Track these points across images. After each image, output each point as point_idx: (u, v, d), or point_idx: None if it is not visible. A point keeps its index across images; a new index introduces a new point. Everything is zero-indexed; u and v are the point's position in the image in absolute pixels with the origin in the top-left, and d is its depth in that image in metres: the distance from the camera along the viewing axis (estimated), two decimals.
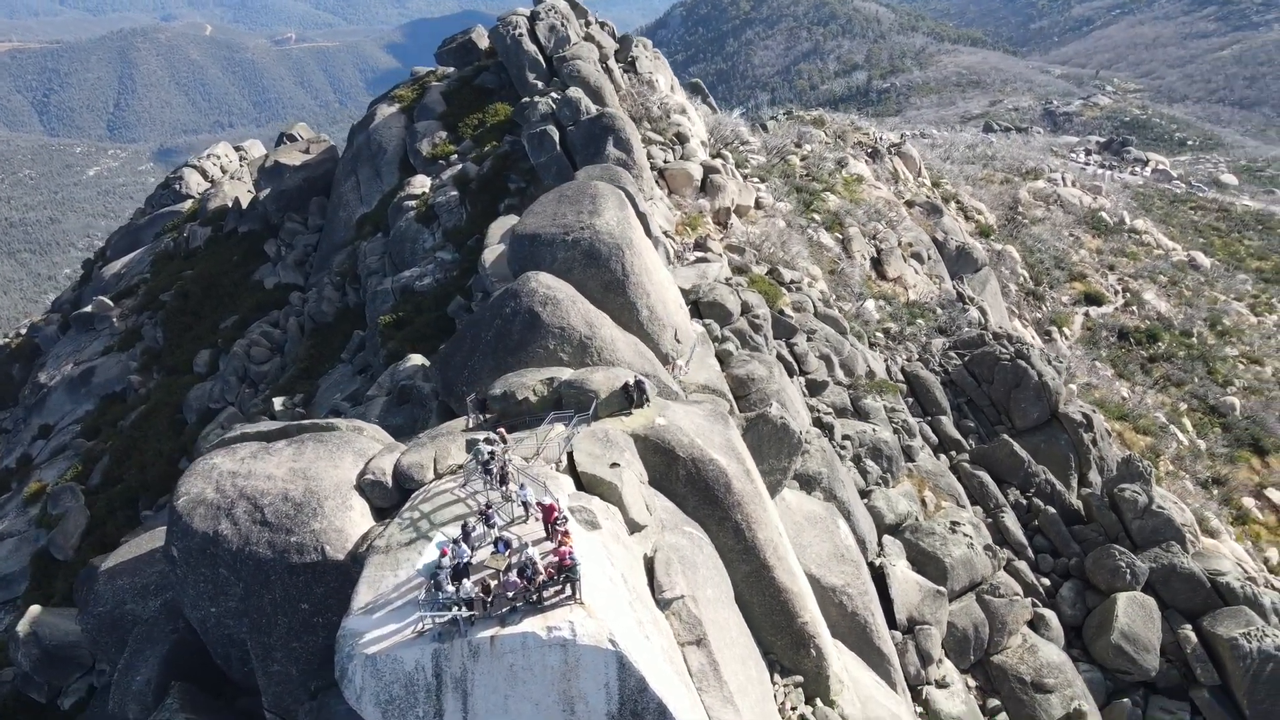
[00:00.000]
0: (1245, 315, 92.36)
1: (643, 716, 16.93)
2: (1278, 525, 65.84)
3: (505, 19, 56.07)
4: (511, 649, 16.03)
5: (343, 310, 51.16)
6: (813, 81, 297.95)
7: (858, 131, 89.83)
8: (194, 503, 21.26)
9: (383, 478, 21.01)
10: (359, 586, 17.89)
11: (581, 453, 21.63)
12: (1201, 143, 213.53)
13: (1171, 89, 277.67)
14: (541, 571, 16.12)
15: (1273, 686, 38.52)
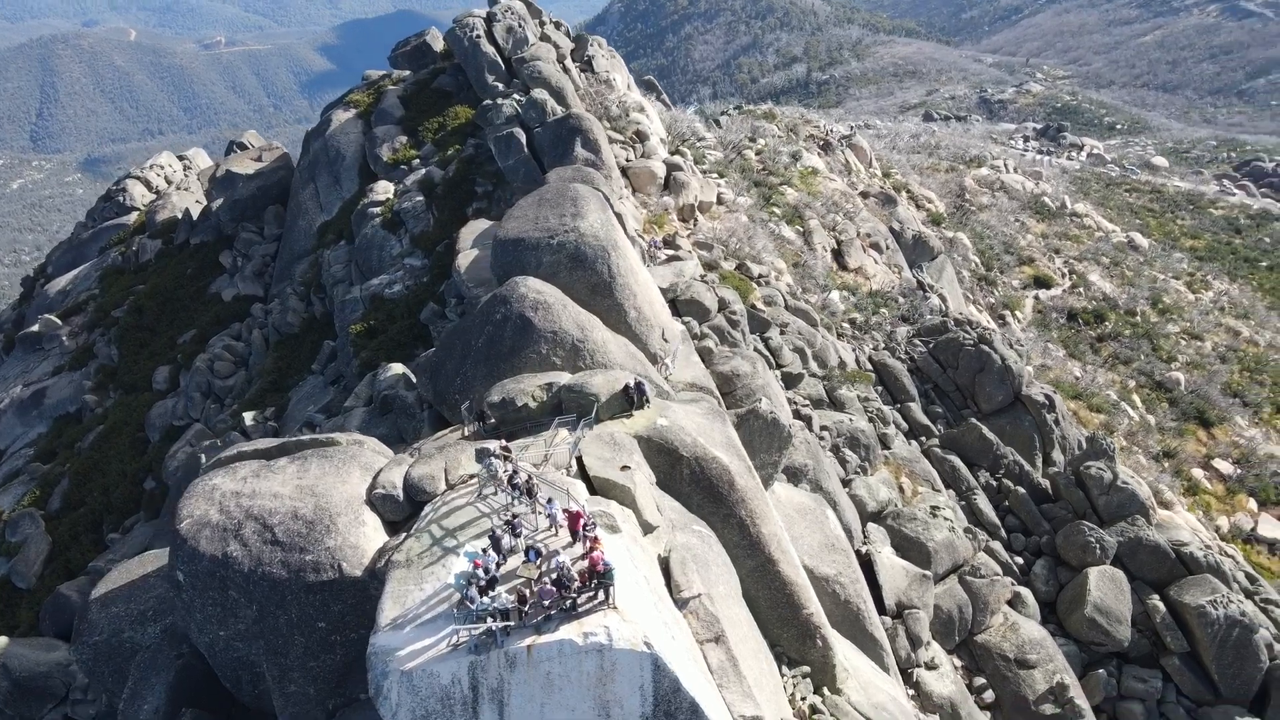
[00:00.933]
0: (1184, 293, 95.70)
1: (675, 717, 17.14)
2: (1226, 494, 68.43)
3: (461, 21, 55.63)
4: (548, 657, 16.10)
5: (308, 321, 50.35)
6: (753, 75, 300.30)
7: (808, 124, 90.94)
8: (198, 525, 20.87)
9: (394, 491, 20.86)
10: (383, 602, 17.76)
11: (591, 457, 21.73)
12: (1130, 126, 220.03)
13: (1098, 75, 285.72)
14: (576, 578, 16.20)
15: (1239, 650, 40.18)
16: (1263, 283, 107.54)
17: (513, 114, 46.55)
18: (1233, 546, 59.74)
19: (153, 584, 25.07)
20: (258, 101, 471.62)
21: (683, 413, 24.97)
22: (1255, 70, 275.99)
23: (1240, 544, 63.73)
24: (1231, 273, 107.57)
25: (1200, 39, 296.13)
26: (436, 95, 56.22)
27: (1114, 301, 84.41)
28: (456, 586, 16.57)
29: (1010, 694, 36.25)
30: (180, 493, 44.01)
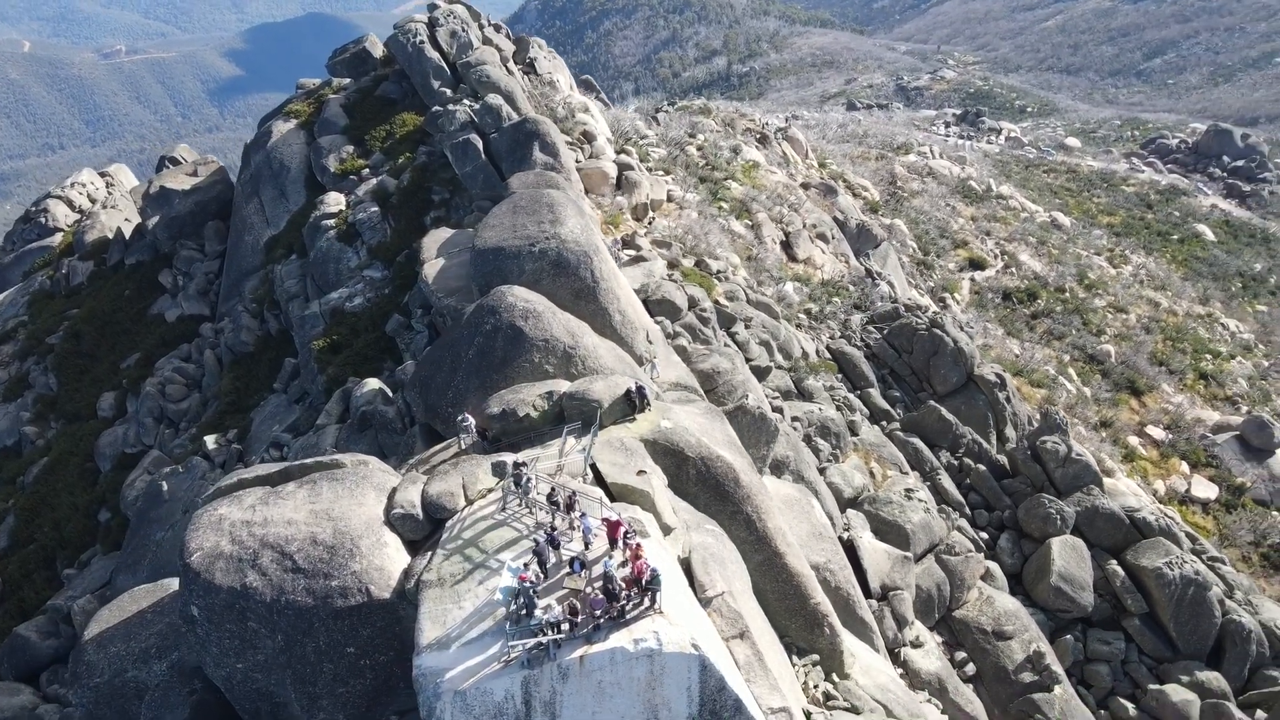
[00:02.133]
0: (1106, 268, 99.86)
1: (720, 715, 17.51)
2: (1160, 459, 71.82)
3: (403, 26, 54.90)
4: (600, 666, 16.28)
5: (264, 338, 49.20)
6: (674, 69, 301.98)
7: (744, 118, 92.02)
8: (210, 558, 20.41)
9: (413, 510, 20.71)
10: (420, 623, 17.68)
11: (605, 463, 21.91)
12: (1039, 109, 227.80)
13: (1006, 60, 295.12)
14: (624, 586, 16.40)
15: (1194, 608, 42.38)
16: (1175, 255, 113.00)
17: (467, 120, 46.20)
18: (1171, 508, 62.85)
19: (151, 619, 24.37)
20: (164, 111, 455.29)
21: (684, 414, 25.31)
22: (1151, 51, 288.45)
23: (1177, 506, 67.09)
24: (1147, 247, 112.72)
25: (1099, 22, 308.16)
26: (381, 103, 55.37)
27: (1044, 280, 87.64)
28: (504, 602, 16.62)
29: (990, 665, 37.61)
30: (143, 522, 42.93)
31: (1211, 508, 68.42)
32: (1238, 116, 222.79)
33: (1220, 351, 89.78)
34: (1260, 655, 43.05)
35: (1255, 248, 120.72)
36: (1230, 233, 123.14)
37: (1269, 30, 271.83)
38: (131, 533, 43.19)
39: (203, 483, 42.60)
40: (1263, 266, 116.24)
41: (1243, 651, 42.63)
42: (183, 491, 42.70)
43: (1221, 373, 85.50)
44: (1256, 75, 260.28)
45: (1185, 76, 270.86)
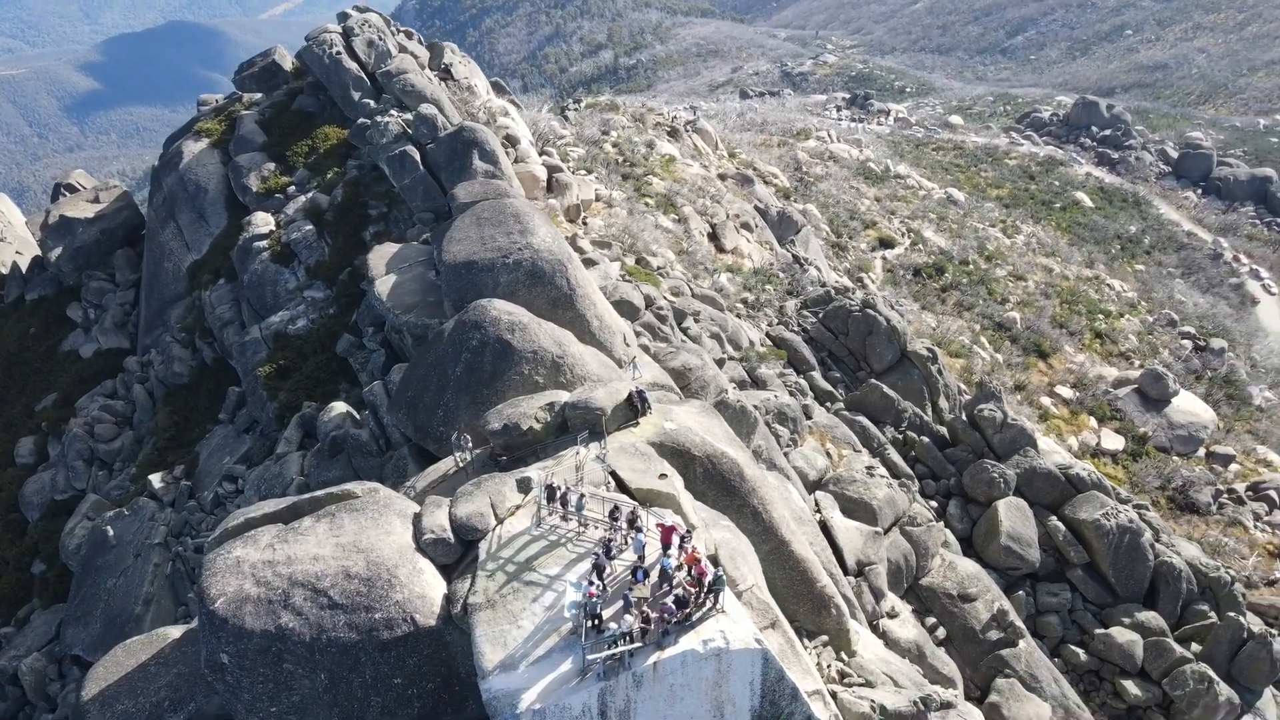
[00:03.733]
0: (1001, 239, 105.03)
1: (779, 704, 18.17)
2: (1071, 417, 76.32)
3: (317, 38, 53.35)
4: (672, 670, 16.69)
5: (199, 368, 47.30)
6: (561, 65, 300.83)
7: (652, 113, 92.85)
8: (236, 602, 19.84)
9: (444, 534, 20.55)
10: (479, 647, 17.70)
11: (625, 470, 22.22)
12: (917, 89, 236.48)
13: (881, 42, 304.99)
14: (687, 588, 16.82)
15: (1130, 554, 45.42)
16: (1060, 222, 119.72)
17: (401, 131, 45.36)
18: (1086, 462, 66.91)
19: (156, 672, 23.45)
20: (19, 132, 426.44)
21: (683, 414, 25.79)
22: (1013, 29, 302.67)
23: (1090, 458, 71.47)
24: (1034, 216, 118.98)
25: (964, 3, 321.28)
26: (299, 117, 53.71)
27: (949, 254, 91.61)
28: (573, 617, 16.80)
29: (959, 627, 39.49)
30: (90, 571, 40.93)
31: (1120, 458, 73.23)
32: (1096, 87, 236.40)
33: (1110, 311, 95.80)
34: (1190, 592, 46.49)
35: (1129, 211, 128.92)
36: (1105, 198, 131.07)
37: (1118, 4, 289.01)
38: (77, 583, 41.04)
39: (152, 524, 40.87)
40: (1137, 228, 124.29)
41: (1175, 590, 45.94)
42: (131, 535, 40.84)
43: (1114, 331, 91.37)
44: (1110, 48, 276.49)
45: (1046, 52, 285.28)
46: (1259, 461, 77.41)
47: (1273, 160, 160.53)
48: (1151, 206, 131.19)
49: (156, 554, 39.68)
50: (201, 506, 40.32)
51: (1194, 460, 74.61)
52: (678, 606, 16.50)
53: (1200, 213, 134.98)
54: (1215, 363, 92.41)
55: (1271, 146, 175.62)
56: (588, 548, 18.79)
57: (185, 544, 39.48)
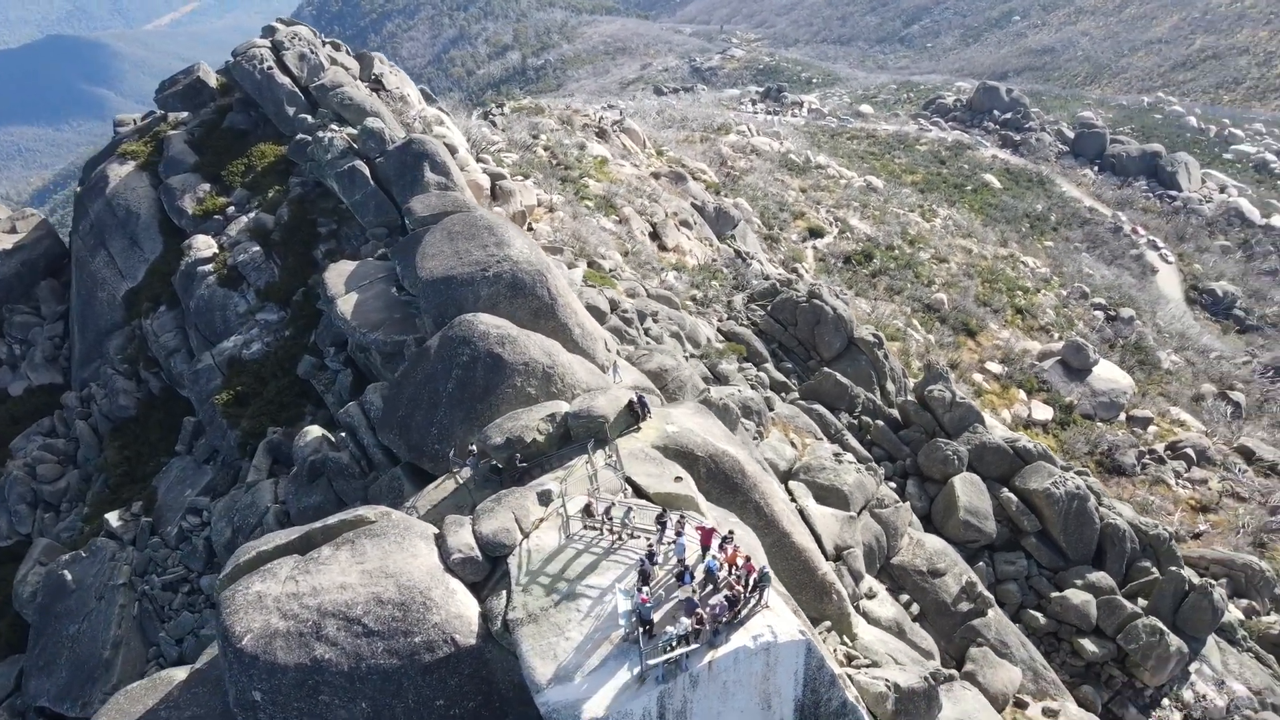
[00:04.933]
0: (921, 223, 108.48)
1: (819, 692, 18.87)
2: (1002, 391, 79.55)
3: (244, 53, 51.92)
4: (726, 667, 17.19)
5: (146, 400, 45.68)
6: (468, 67, 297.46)
7: (578, 114, 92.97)
8: (265, 637, 19.54)
9: (472, 553, 20.58)
10: (528, 661, 17.89)
11: (639, 475, 22.60)
12: (824, 80, 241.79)
13: (784, 35, 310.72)
14: (733, 586, 17.32)
15: (1079, 519, 47.76)
16: (972, 204, 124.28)
17: (346, 146, 44.58)
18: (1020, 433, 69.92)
19: (168, 717, 22.85)
20: None
21: (681, 415, 26.28)
22: (909, 18, 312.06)
23: (1023, 429, 74.67)
24: (949, 199, 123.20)
25: None
26: (231, 135, 52.18)
27: (876, 240, 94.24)
28: (626, 625, 17.12)
29: (931, 602, 41.00)
30: (49, 619, 39.33)
31: (1050, 427, 76.71)
32: (990, 72, 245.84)
33: (1028, 287, 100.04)
34: (1133, 551, 49.15)
35: (1034, 190, 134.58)
36: (1012, 179, 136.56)
37: None
38: (36, 632, 39.31)
39: (114, 564, 39.46)
40: (1043, 207, 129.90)
41: (1120, 550, 48.52)
42: (91, 578, 39.33)
43: (1033, 306, 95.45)
44: (1000, 34, 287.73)
45: (941, 40, 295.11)
46: (1173, 422, 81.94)
47: (1158, 136, 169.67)
48: (1054, 185, 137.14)
49: (121, 595, 38.35)
50: (166, 542, 39.12)
51: (1116, 425, 78.58)
52: (729, 605, 16.99)
53: (1098, 189, 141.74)
54: (1126, 331, 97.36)
55: (1156, 123, 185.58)
56: (626, 556, 19.09)
57: (152, 582, 38.27)
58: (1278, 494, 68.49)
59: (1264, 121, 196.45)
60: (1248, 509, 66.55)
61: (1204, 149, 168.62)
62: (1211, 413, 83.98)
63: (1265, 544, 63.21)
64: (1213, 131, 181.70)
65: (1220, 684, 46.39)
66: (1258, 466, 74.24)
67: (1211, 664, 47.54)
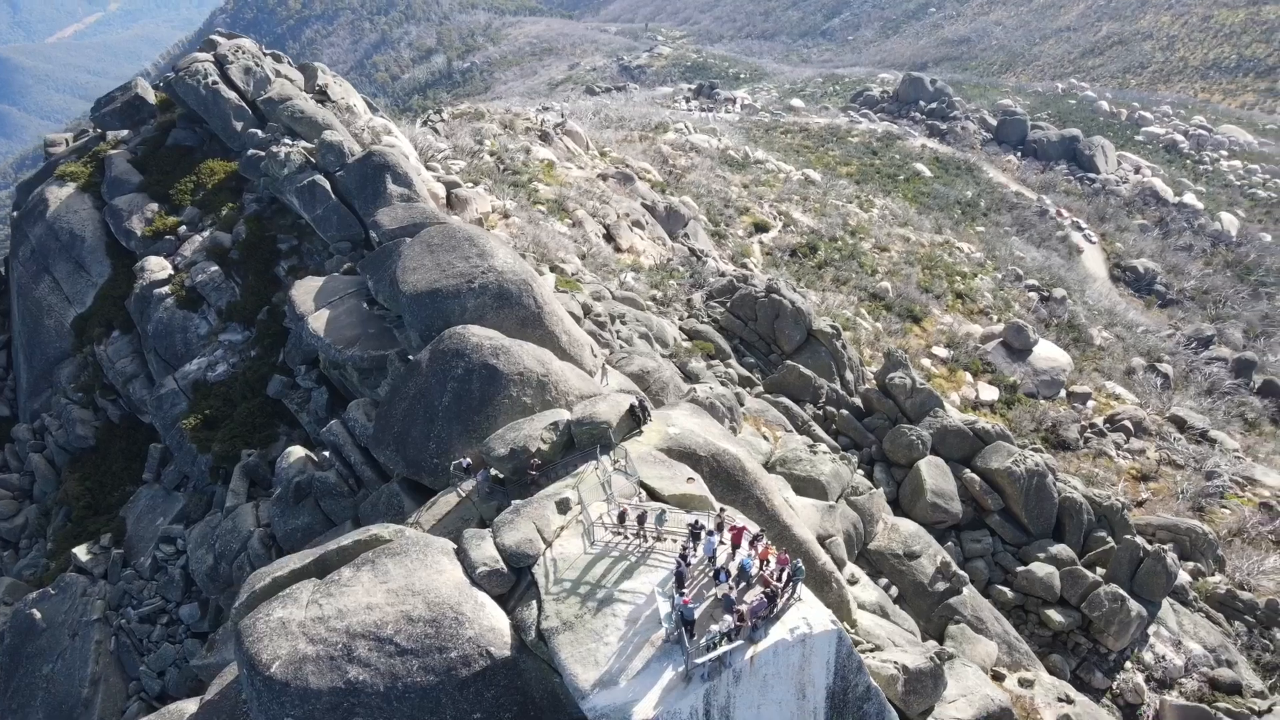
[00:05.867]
0: (860, 214, 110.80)
1: (848, 678, 19.51)
2: (949, 374, 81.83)
3: (188, 69, 50.62)
4: (766, 661, 17.68)
5: (106, 429, 44.34)
6: (392, 72, 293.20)
7: (519, 118, 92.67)
8: (294, 664, 19.39)
9: (498, 565, 20.68)
10: (569, 669, 18.13)
11: (652, 479, 22.96)
12: (751, 75, 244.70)
13: (709, 31, 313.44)
14: (767, 583, 17.82)
15: (1039, 494, 49.57)
16: (906, 193, 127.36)
17: (304, 161, 43.87)
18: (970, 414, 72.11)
19: None
20: None
21: (680, 417, 26.71)
22: (830, 12, 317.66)
23: (972, 410, 77.00)
24: (884, 189, 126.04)
25: None
26: (176, 153, 50.83)
27: (819, 232, 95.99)
28: (669, 627, 17.48)
29: (909, 583, 42.17)
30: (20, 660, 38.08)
31: (997, 407, 79.24)
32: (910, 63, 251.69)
33: (965, 272, 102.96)
34: (1090, 522, 51.23)
35: (963, 177, 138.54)
36: (942, 167, 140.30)
37: None
38: (7, 674, 37.93)
39: (86, 600, 38.31)
40: (973, 193, 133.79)
41: (1078, 522, 50.51)
42: (63, 615, 38.12)
43: (972, 290, 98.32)
44: (918, 26, 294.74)
45: (861, 32, 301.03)
46: (1110, 396, 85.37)
47: (1074, 120, 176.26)
48: (982, 172, 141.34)
49: (96, 631, 37.26)
50: (140, 574, 38.13)
51: (1058, 402, 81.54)
52: (768, 600, 17.48)
53: (1022, 174, 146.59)
54: (1059, 310, 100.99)
55: (1071, 108, 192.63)
56: (656, 560, 19.44)
57: (128, 615, 37.27)
58: (1211, 460, 71.75)
59: (1170, 104, 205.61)
60: (1185, 475, 69.57)
61: (1117, 132, 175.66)
62: (1143, 385, 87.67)
63: (1203, 508, 66.21)
64: (1124, 115, 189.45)
65: (1177, 644, 48.65)
66: (1189, 434, 77.73)
67: (1168, 626, 49.86)
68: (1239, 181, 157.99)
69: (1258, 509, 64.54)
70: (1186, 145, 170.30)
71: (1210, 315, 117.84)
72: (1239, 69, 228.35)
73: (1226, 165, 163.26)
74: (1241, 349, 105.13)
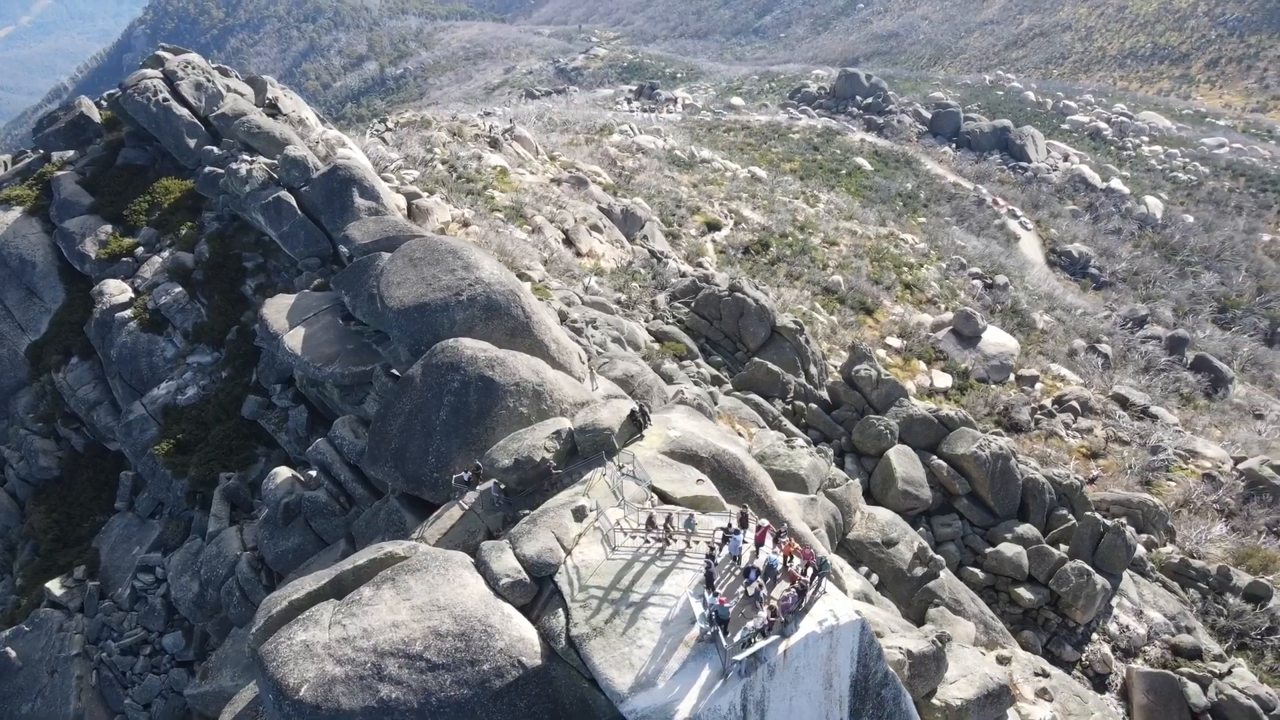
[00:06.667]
0: (806, 209, 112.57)
1: (869, 665, 20.17)
2: (904, 364, 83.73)
3: (136, 86, 49.39)
4: (798, 654, 18.22)
5: (70, 459, 43.14)
6: (323, 80, 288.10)
7: (466, 125, 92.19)
8: (323, 686, 19.35)
9: (520, 575, 20.85)
10: (604, 674, 18.43)
11: (662, 482, 23.34)
12: (687, 74, 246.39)
13: (643, 32, 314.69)
14: (796, 578, 18.35)
15: (1004, 477, 51.20)
16: (848, 187, 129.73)
17: (266, 178, 43.21)
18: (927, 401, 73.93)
19: None
20: None
21: (679, 420, 27.14)
22: (761, 10, 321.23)
23: (928, 398, 78.94)
24: (827, 184, 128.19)
25: None
26: (127, 172, 49.59)
27: (770, 229, 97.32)
28: (705, 627, 17.88)
29: (888, 570, 43.25)
30: None
31: (951, 394, 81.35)
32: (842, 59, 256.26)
33: (911, 263, 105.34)
34: (1051, 501, 53.07)
35: (903, 170, 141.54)
36: (881, 161, 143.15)
37: None
38: None
39: (63, 635, 37.35)
40: (913, 185, 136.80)
41: (1041, 502, 52.29)
42: (40, 652, 37.11)
43: (919, 280, 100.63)
44: (848, 21, 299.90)
45: (793, 30, 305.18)
46: (1055, 378, 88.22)
47: (1003, 111, 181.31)
48: (920, 164, 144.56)
49: (77, 666, 36.38)
50: (118, 605, 37.32)
51: (1008, 385, 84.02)
52: (799, 594, 18.01)
53: (958, 165, 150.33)
54: (1003, 297, 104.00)
55: (1000, 100, 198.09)
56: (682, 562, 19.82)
57: (109, 649, 36.44)
58: (1154, 435, 74.62)
59: (1092, 92, 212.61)
60: (1131, 451, 72.23)
61: (1044, 121, 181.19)
62: (1085, 365, 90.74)
63: (1150, 481, 68.85)
64: (1049, 104, 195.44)
65: (1139, 614, 50.69)
66: (1132, 411, 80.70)
67: (1130, 597, 51.91)
68: (1160, 166, 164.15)
69: (1201, 480, 67.25)
70: (1110, 132, 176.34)
71: (1142, 295, 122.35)
72: (1154, 57, 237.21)
73: (1148, 150, 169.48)
74: (1173, 327, 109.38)
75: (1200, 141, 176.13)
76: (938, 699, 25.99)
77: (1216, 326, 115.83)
